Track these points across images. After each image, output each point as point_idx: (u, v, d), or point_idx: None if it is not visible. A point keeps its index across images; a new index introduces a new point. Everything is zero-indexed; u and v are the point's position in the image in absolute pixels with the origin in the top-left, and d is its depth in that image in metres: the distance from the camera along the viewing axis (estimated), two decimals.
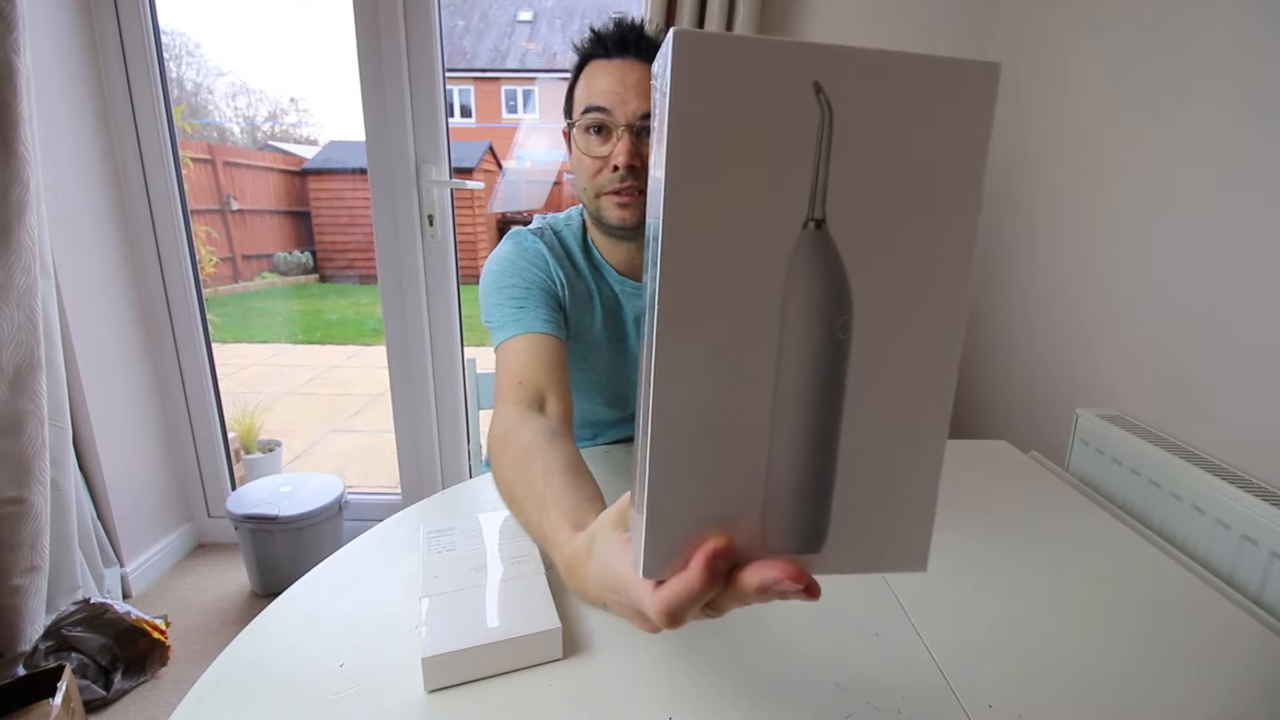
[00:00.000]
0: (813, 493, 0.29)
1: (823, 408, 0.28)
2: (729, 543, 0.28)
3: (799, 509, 0.29)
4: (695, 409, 0.27)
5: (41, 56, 1.33)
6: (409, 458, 1.82)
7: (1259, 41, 0.81)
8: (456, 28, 7.40)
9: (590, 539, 0.39)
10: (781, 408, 0.28)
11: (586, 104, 0.75)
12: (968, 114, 0.27)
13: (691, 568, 0.28)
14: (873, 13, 1.43)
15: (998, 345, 1.44)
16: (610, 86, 0.74)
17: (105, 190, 1.56)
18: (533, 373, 0.71)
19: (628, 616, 0.35)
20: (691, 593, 0.28)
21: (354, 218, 5.41)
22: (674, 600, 0.29)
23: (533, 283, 0.80)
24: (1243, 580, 0.72)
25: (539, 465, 0.55)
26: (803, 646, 0.50)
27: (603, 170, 0.76)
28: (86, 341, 1.50)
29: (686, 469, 0.28)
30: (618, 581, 0.34)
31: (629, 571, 0.33)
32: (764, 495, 0.29)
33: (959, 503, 0.75)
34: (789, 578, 0.28)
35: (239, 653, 0.49)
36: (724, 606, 0.31)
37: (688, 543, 0.29)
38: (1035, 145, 1.30)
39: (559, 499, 0.49)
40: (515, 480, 0.56)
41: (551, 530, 0.47)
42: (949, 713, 0.44)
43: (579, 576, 0.40)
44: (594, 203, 0.79)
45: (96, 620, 1.31)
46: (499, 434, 0.64)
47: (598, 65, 0.76)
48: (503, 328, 0.77)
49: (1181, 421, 0.92)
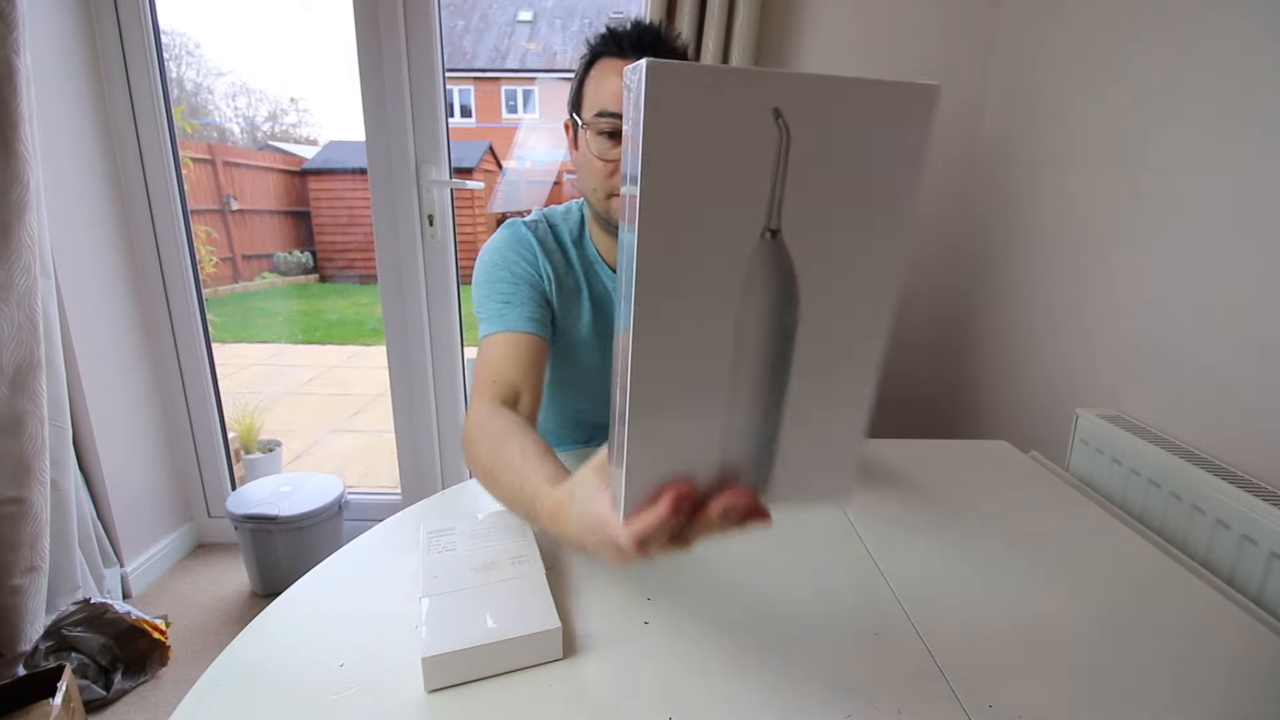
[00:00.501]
0: (762, 447, 0.35)
1: (773, 382, 0.34)
2: (692, 487, 0.35)
3: (752, 459, 0.35)
4: (666, 384, 0.33)
5: (41, 56, 1.33)
6: (409, 458, 1.82)
7: (1259, 42, 0.81)
8: (456, 28, 7.40)
9: (572, 487, 0.46)
10: (738, 384, 0.33)
11: (600, 107, 0.74)
12: (906, 132, 0.30)
13: (660, 504, 0.35)
14: (873, 13, 1.43)
15: (998, 345, 1.44)
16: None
17: (105, 190, 1.56)
18: (510, 370, 0.75)
19: (603, 550, 0.41)
20: (661, 522, 0.35)
21: (354, 218, 5.41)
22: (644, 530, 0.35)
23: (520, 278, 0.81)
24: (1243, 580, 0.72)
25: (515, 445, 0.62)
26: (803, 646, 0.50)
27: (614, 174, 0.76)
28: (86, 341, 1.50)
29: (658, 433, 0.34)
30: (597, 520, 0.40)
31: (608, 510, 0.39)
32: (721, 450, 0.35)
33: (959, 503, 0.75)
34: (744, 503, 0.35)
35: (239, 653, 0.49)
36: (690, 537, 0.37)
37: (658, 488, 0.35)
38: (1035, 145, 1.30)
39: (537, 468, 0.56)
40: (494, 461, 0.62)
41: (532, 491, 0.54)
42: (949, 713, 0.44)
43: (561, 520, 0.46)
44: (604, 203, 0.79)
45: (97, 620, 1.31)
46: (475, 424, 0.69)
47: (611, 65, 0.74)
48: (487, 322, 0.80)
49: (1181, 421, 0.92)
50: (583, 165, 0.79)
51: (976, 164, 1.50)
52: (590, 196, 0.80)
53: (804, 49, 1.46)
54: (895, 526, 0.69)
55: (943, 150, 1.50)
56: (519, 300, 0.80)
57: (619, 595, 0.56)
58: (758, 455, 0.35)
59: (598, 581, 0.58)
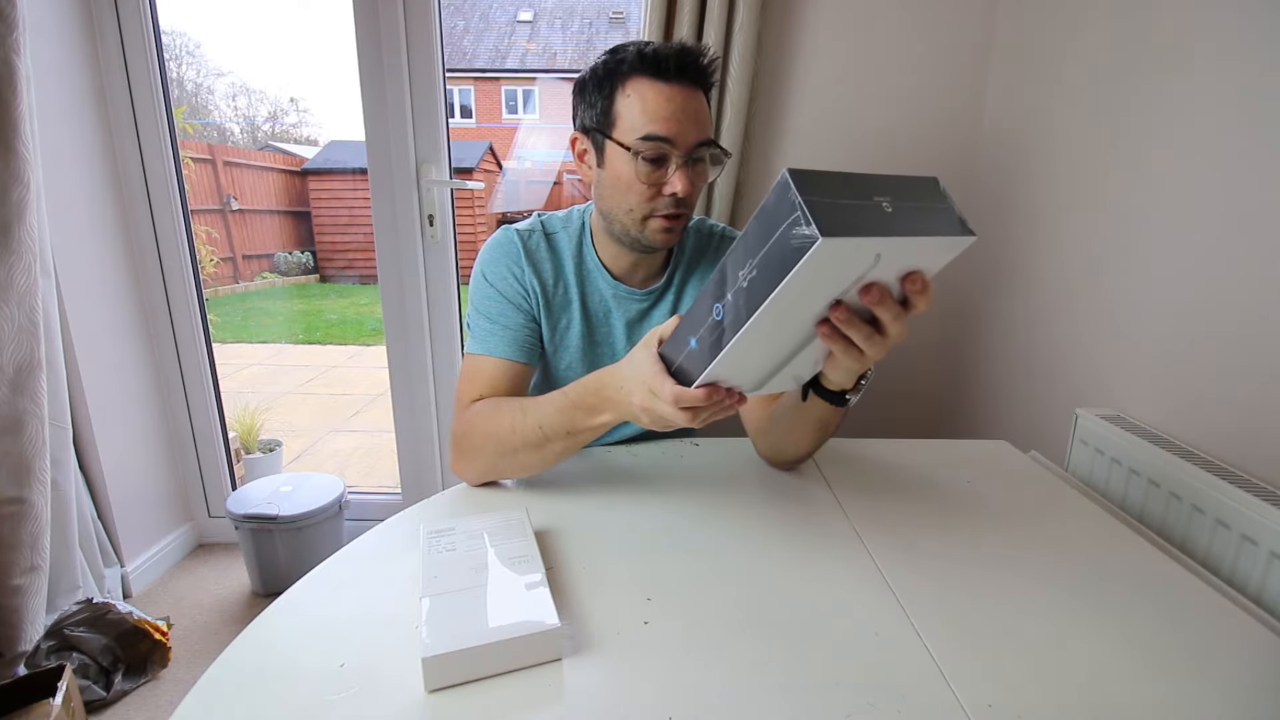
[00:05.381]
0: (764, 379, 0.58)
1: (788, 360, 0.56)
2: (724, 391, 0.55)
3: (755, 384, 0.59)
4: (742, 357, 0.51)
5: (41, 56, 1.33)
6: (409, 458, 1.82)
7: (1259, 42, 0.81)
8: (456, 28, 7.40)
9: (631, 352, 0.62)
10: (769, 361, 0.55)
11: (646, 131, 0.72)
12: (945, 258, 0.51)
13: (700, 391, 0.54)
14: (873, 12, 1.43)
15: (998, 345, 1.44)
16: (673, 114, 0.72)
17: (105, 190, 1.57)
18: (493, 395, 0.79)
19: (639, 393, 0.59)
20: (695, 399, 0.54)
21: (354, 218, 5.42)
22: (682, 397, 0.54)
23: (506, 297, 0.82)
24: (1243, 580, 0.72)
25: (511, 402, 0.75)
26: (802, 646, 0.50)
27: (657, 196, 0.75)
28: (86, 341, 1.50)
29: (724, 369, 0.52)
30: (650, 374, 0.57)
31: (660, 371, 0.57)
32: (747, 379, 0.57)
33: (959, 502, 0.75)
34: (738, 403, 0.57)
35: (239, 653, 0.49)
36: (702, 418, 0.57)
37: (710, 383, 0.54)
38: (1036, 145, 1.30)
39: (543, 399, 0.71)
40: (495, 424, 0.73)
41: (549, 399, 0.71)
42: (949, 713, 0.44)
43: (603, 376, 0.65)
44: (639, 224, 0.78)
45: (99, 620, 1.31)
46: (467, 421, 0.76)
47: (650, 86, 0.72)
48: (474, 340, 0.82)
49: (1181, 421, 0.92)
50: (614, 185, 0.77)
51: (977, 164, 1.50)
52: (623, 217, 0.78)
53: (804, 49, 1.46)
54: (895, 526, 0.69)
55: (943, 151, 1.50)
56: (505, 323, 0.81)
57: (619, 595, 0.56)
58: (758, 385, 0.58)
59: (598, 581, 0.58)
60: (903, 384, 1.62)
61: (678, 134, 0.72)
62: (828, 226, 0.38)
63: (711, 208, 1.48)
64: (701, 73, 0.75)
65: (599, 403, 0.66)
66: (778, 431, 0.78)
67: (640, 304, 0.88)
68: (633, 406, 0.60)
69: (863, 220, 0.41)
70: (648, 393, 0.57)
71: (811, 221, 0.38)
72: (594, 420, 0.67)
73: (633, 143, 0.73)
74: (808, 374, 0.62)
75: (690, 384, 0.54)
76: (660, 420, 0.59)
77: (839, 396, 0.65)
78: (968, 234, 0.46)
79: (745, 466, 0.83)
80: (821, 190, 0.40)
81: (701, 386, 0.53)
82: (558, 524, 0.68)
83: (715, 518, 0.70)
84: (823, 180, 0.41)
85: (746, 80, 1.38)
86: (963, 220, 0.46)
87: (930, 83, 1.46)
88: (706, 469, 0.83)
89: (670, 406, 0.55)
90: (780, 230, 0.41)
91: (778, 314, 0.45)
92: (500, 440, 0.72)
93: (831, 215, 0.39)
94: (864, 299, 0.48)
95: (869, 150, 1.51)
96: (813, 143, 1.51)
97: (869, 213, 0.41)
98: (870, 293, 0.48)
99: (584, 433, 0.69)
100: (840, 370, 0.59)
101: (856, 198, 0.41)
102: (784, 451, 0.80)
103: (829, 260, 0.41)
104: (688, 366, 0.54)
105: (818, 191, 0.40)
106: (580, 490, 0.76)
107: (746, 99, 1.40)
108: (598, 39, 7.26)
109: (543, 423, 0.70)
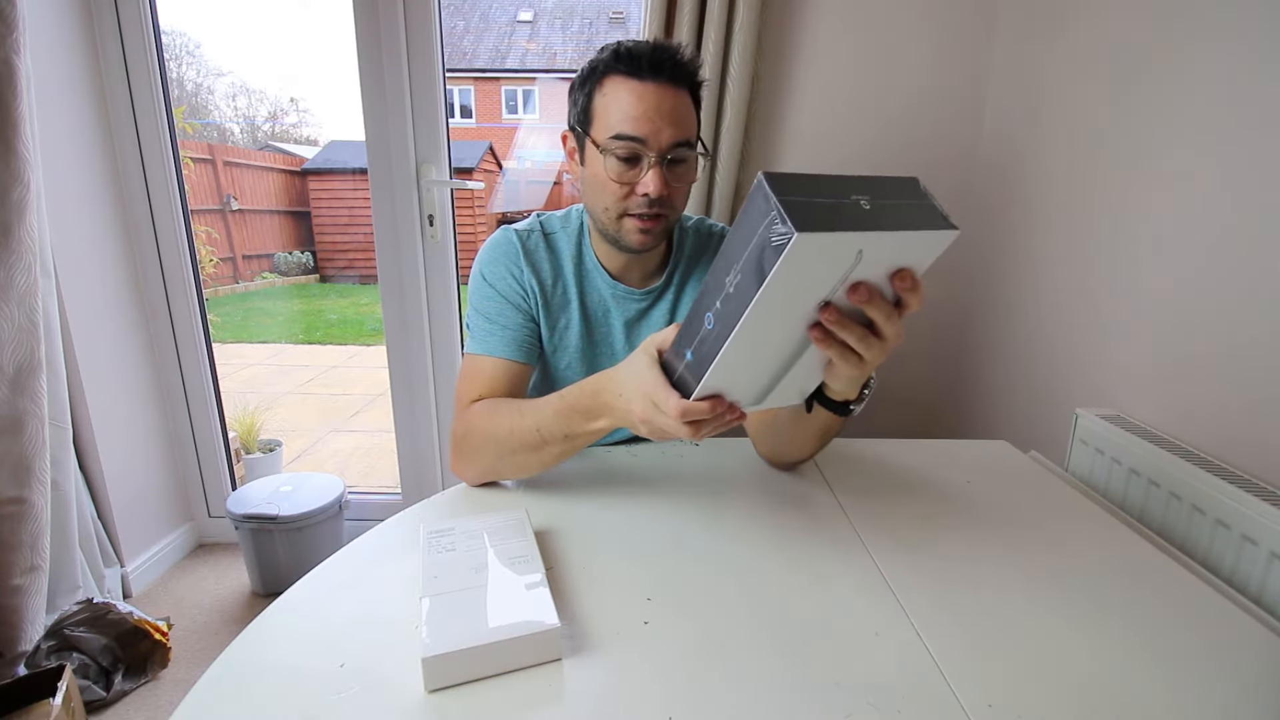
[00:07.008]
0: (763, 393, 0.58)
1: (781, 372, 0.55)
2: (726, 405, 0.55)
3: (754, 399, 0.58)
4: (734, 367, 0.51)
5: (41, 56, 1.33)
6: (409, 458, 1.82)
7: (1258, 41, 0.81)
8: (456, 28, 7.40)
9: (620, 365, 0.62)
10: (769, 372, 0.55)
11: (618, 130, 0.72)
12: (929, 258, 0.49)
13: (704, 404, 0.54)
14: (873, 12, 1.43)
15: (998, 345, 1.44)
16: (645, 114, 0.71)
17: (105, 190, 1.57)
18: (491, 395, 0.79)
19: (638, 400, 0.58)
20: (699, 412, 0.54)
21: (354, 218, 5.42)
22: (688, 410, 0.54)
23: (505, 297, 0.82)
24: (1243, 580, 0.72)
25: (510, 403, 0.75)
26: (802, 646, 0.50)
27: (630, 196, 0.75)
28: (86, 341, 1.50)
29: (717, 384, 0.53)
30: (649, 383, 0.56)
31: (660, 380, 0.56)
32: (745, 391, 0.56)
33: (959, 503, 0.75)
34: (738, 419, 0.57)
35: (239, 653, 0.49)
36: (703, 432, 0.56)
37: (708, 396, 0.54)
38: (1035, 145, 1.30)
39: (541, 401, 0.71)
40: (494, 425, 0.73)
41: (546, 401, 0.70)
42: (949, 713, 0.44)
43: (601, 380, 0.65)
44: (615, 223, 0.78)
45: (99, 620, 1.31)
46: (466, 422, 0.76)
47: (625, 85, 0.72)
48: (474, 340, 0.82)
49: (1181, 421, 0.92)
50: (591, 183, 0.77)
51: (976, 164, 1.50)
52: (600, 215, 0.79)
53: (804, 49, 1.46)
54: (895, 527, 0.69)
55: (943, 151, 1.50)
56: (504, 323, 0.81)
57: (619, 595, 0.56)
58: (759, 397, 0.58)
59: (598, 581, 0.58)
60: (903, 384, 1.62)
61: (650, 133, 0.72)
62: (803, 223, 0.38)
63: (712, 208, 1.48)
64: (679, 70, 0.73)
65: (596, 407, 0.65)
66: (779, 436, 0.78)
67: (639, 304, 0.88)
68: (632, 416, 0.60)
69: (840, 216, 0.41)
70: (649, 404, 0.56)
71: (788, 219, 0.39)
72: (591, 425, 0.67)
73: (604, 141, 0.73)
74: (810, 386, 0.61)
75: (689, 396, 0.54)
76: (660, 432, 0.58)
77: (843, 406, 0.64)
78: (950, 228, 0.45)
79: (746, 467, 0.83)
80: (797, 191, 0.40)
81: (702, 399, 0.53)
82: (558, 524, 0.68)
83: (715, 518, 0.70)
84: (799, 181, 0.41)
85: (746, 80, 1.38)
86: (944, 215, 0.46)
87: (930, 83, 1.46)
88: (707, 469, 0.83)
89: (673, 420, 0.54)
90: (759, 232, 0.42)
91: (765, 316, 0.45)
92: (499, 442, 0.72)
93: (807, 212, 0.39)
94: (853, 298, 0.48)
95: (869, 150, 1.51)
96: (813, 143, 1.51)
97: (846, 210, 0.41)
98: (859, 291, 0.47)
99: (581, 437, 0.69)
100: (841, 379, 0.58)
101: (833, 196, 0.42)
102: (785, 454, 0.80)
103: (809, 257, 0.41)
104: (687, 377, 0.54)
105: (793, 192, 0.40)
106: (580, 490, 0.76)
107: (746, 99, 1.40)
108: (598, 39, 7.26)
109: (540, 425, 0.70)
